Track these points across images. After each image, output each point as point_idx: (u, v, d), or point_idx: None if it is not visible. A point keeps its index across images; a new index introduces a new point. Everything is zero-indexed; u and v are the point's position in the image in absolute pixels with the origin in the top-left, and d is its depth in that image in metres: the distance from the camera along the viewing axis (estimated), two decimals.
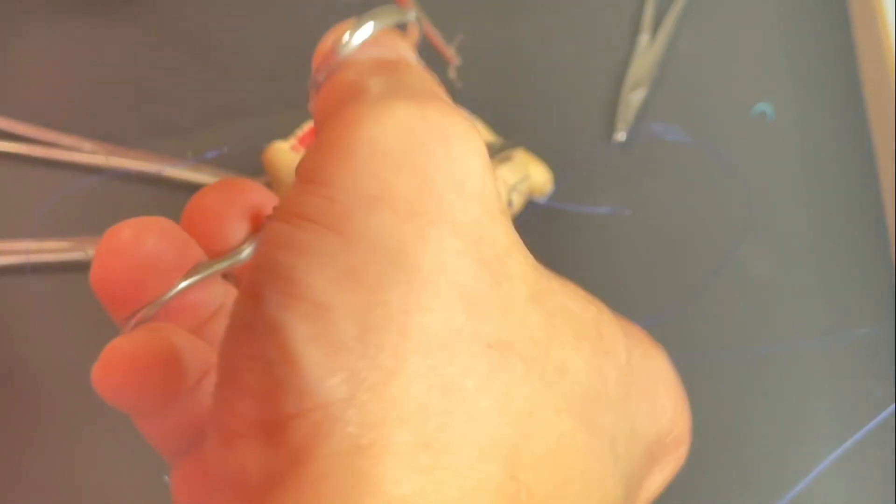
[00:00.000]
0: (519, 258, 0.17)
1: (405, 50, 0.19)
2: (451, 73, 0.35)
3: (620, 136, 0.37)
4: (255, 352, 0.16)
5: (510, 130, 0.36)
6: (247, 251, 0.22)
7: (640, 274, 0.35)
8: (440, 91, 0.18)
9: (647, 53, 0.39)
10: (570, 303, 0.18)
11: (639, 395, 0.20)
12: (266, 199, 0.23)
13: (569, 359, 0.18)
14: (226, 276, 0.23)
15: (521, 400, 0.16)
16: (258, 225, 0.23)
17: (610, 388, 0.19)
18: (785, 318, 0.34)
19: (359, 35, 0.19)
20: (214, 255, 0.22)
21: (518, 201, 0.35)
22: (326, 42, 0.19)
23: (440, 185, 0.16)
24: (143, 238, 0.21)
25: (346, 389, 0.15)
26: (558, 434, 0.17)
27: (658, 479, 0.21)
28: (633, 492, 0.20)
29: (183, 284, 0.21)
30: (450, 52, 0.35)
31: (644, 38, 0.40)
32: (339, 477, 0.15)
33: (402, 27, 0.21)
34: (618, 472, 0.19)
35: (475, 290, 0.16)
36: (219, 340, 0.18)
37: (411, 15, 0.20)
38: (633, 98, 0.38)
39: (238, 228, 0.22)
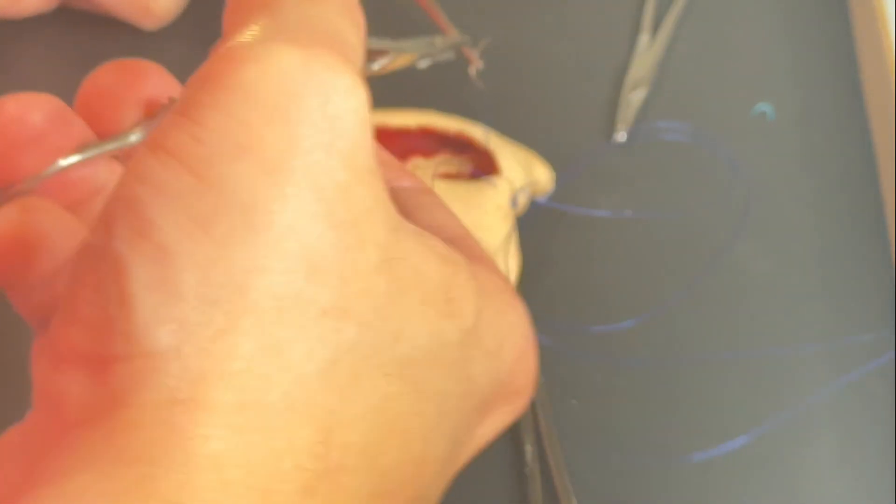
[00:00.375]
0: (377, 222, 0.17)
1: None
2: (472, 72, 0.35)
3: (620, 136, 0.37)
4: (97, 284, 0.16)
5: (510, 130, 0.36)
6: (136, 136, 0.22)
7: (640, 273, 0.35)
8: (347, 27, 0.18)
9: (647, 53, 0.39)
10: (424, 265, 0.18)
11: (481, 353, 0.20)
12: (165, 84, 0.23)
13: (409, 324, 0.18)
14: (118, 158, 0.23)
15: (346, 365, 0.17)
16: (152, 110, 0.22)
17: (449, 352, 0.19)
18: (784, 318, 0.34)
19: None
20: (104, 137, 0.22)
21: (523, 201, 0.35)
22: None
23: (309, 142, 0.16)
24: (27, 113, 0.21)
25: (172, 341, 0.15)
26: (383, 396, 0.17)
27: (491, 427, 0.22)
28: (461, 442, 0.20)
29: (63, 162, 0.21)
30: (473, 55, 0.35)
31: (644, 38, 0.40)
32: (151, 427, 0.15)
33: None
34: (444, 427, 0.19)
35: (322, 255, 0.16)
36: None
37: None
38: (634, 98, 0.38)
39: (131, 112, 0.22)
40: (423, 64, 0.34)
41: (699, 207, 0.36)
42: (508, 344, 0.21)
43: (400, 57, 0.32)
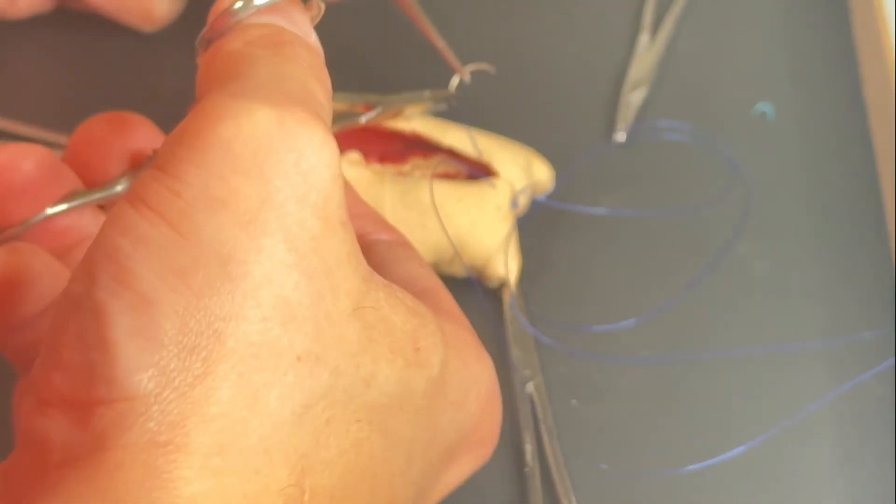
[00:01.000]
0: (349, 272, 0.18)
1: (302, 24, 0.20)
2: (454, 95, 0.35)
3: (620, 136, 0.37)
4: (79, 331, 0.16)
5: (510, 130, 0.36)
6: (122, 186, 0.23)
7: (640, 273, 0.35)
8: (316, 87, 0.19)
9: (647, 53, 0.39)
10: (394, 316, 0.19)
11: (446, 403, 0.21)
12: (151, 136, 0.24)
13: (379, 371, 0.18)
14: (103, 207, 0.24)
15: (320, 409, 0.17)
16: (138, 161, 0.23)
17: (416, 399, 0.20)
18: (784, 318, 0.34)
19: (259, 0, 0.20)
20: (92, 187, 0.23)
21: (523, 202, 0.35)
22: (224, 1, 0.19)
23: (284, 196, 0.17)
24: (18, 163, 0.22)
25: (153, 386, 0.16)
26: (354, 441, 0.18)
27: (456, 474, 0.22)
28: (428, 488, 0.21)
29: (51, 210, 0.22)
30: (463, 70, 0.35)
31: (644, 38, 0.40)
32: (132, 470, 0.16)
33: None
34: (411, 474, 0.20)
35: (296, 304, 0.17)
36: None
37: None
38: (633, 98, 0.38)
39: (118, 163, 0.23)
40: (415, 115, 0.34)
41: (699, 207, 0.36)
42: (473, 395, 0.21)
43: (389, 111, 0.33)
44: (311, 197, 0.17)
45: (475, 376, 0.22)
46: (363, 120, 0.33)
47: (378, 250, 0.24)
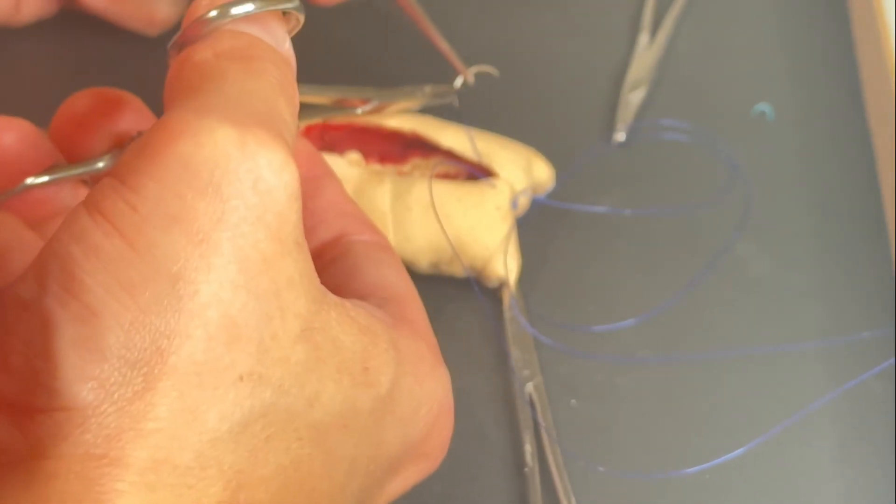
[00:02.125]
0: (299, 293, 0.18)
1: (278, 35, 0.20)
2: (455, 91, 0.35)
3: (620, 136, 0.38)
4: (26, 336, 0.16)
5: (510, 130, 0.36)
6: (103, 163, 0.23)
7: (639, 273, 0.35)
8: (282, 104, 0.19)
9: (646, 53, 0.39)
10: (343, 336, 0.19)
11: (394, 420, 0.21)
12: (139, 115, 0.24)
13: (324, 391, 0.19)
14: (86, 182, 0.24)
15: (260, 427, 0.17)
16: (122, 139, 0.23)
17: (361, 418, 0.20)
18: (784, 318, 0.34)
19: (236, 10, 0.19)
20: (74, 162, 0.23)
21: (523, 202, 0.35)
22: (200, 7, 0.19)
23: (239, 216, 0.17)
24: (0, 135, 0.22)
25: (93, 398, 0.16)
26: (294, 458, 0.18)
27: (399, 485, 0.23)
28: (369, 499, 0.21)
29: (29, 181, 0.22)
30: (466, 72, 0.35)
31: (644, 38, 0.40)
32: (67, 480, 0.16)
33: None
34: (351, 487, 0.20)
35: (243, 324, 0.17)
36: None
37: (295, 3, 0.21)
38: (633, 98, 0.38)
39: (101, 139, 0.23)
40: (415, 107, 0.34)
41: (699, 207, 0.36)
42: (423, 410, 0.22)
43: (387, 104, 0.33)
44: (267, 218, 0.17)
45: (428, 392, 0.22)
46: (360, 111, 0.33)
47: (354, 252, 0.24)
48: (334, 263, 0.24)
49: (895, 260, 0.35)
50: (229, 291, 0.17)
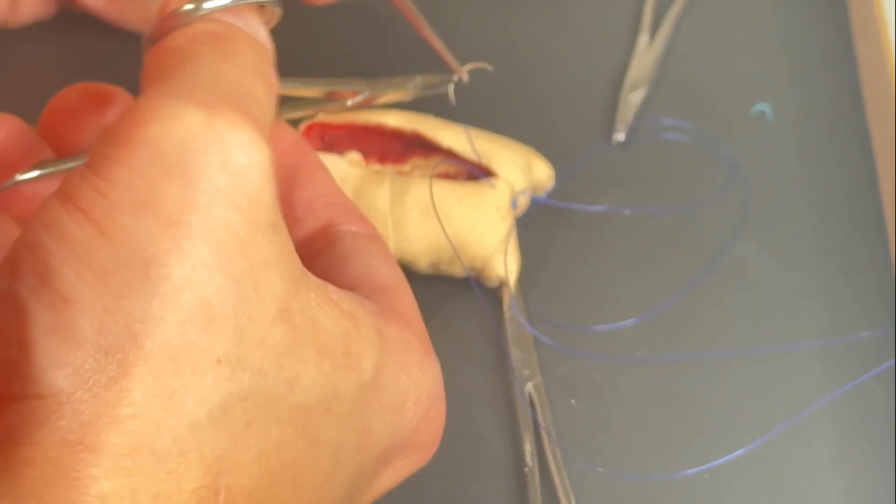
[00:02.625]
0: (276, 274, 0.18)
1: (254, 26, 0.20)
2: (447, 81, 0.35)
3: (620, 136, 0.38)
4: (0, 325, 0.16)
5: (510, 130, 0.36)
6: None
7: (639, 273, 0.35)
8: (257, 85, 0.19)
9: (646, 53, 0.39)
10: (323, 318, 0.19)
11: (379, 407, 0.21)
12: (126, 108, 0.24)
13: (303, 373, 0.18)
14: None
15: (240, 411, 0.17)
16: None
17: (344, 403, 0.19)
18: (784, 318, 0.34)
19: (210, 3, 0.19)
20: (63, 156, 0.23)
21: (523, 201, 0.35)
22: (173, 1, 0.19)
23: (208, 198, 0.17)
24: None
25: (67, 384, 0.16)
26: (275, 443, 0.18)
27: (390, 477, 0.22)
28: (359, 491, 0.21)
29: (18, 177, 0.22)
30: (461, 70, 0.35)
31: (644, 38, 0.40)
32: (42, 466, 0.16)
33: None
34: (338, 476, 0.20)
35: (218, 307, 0.17)
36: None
37: None
38: (633, 98, 0.38)
39: (90, 134, 0.23)
40: (407, 98, 0.34)
41: (698, 207, 0.36)
42: (412, 400, 0.22)
43: (379, 96, 0.33)
44: (238, 199, 0.17)
45: (417, 382, 0.22)
46: (349, 103, 0.33)
47: (343, 243, 0.24)
48: (323, 254, 0.24)
49: (895, 260, 0.35)
50: (203, 274, 0.17)
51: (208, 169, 0.17)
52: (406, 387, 0.21)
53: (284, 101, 0.30)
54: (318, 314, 0.19)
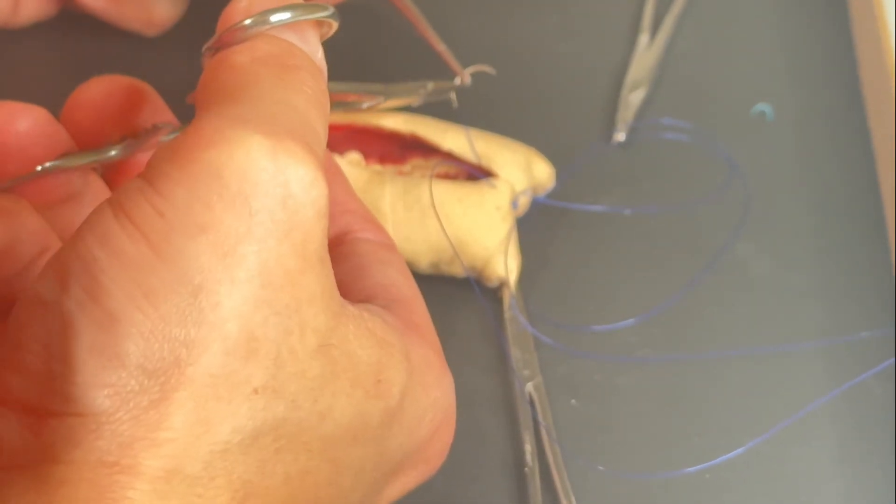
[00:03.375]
0: (319, 309, 0.18)
1: (313, 43, 0.20)
2: (458, 87, 0.35)
3: (620, 136, 0.38)
4: (44, 337, 0.16)
5: (510, 130, 0.36)
6: (116, 151, 0.23)
7: (639, 273, 0.35)
8: (315, 117, 0.19)
9: (646, 53, 0.39)
10: (360, 350, 0.19)
11: (400, 429, 0.21)
12: (152, 105, 0.24)
13: (336, 404, 0.19)
14: (95, 169, 0.24)
15: (270, 440, 0.17)
16: (136, 129, 0.23)
17: (371, 430, 0.20)
18: (784, 317, 0.34)
19: (274, 17, 0.19)
20: (85, 148, 0.23)
21: (523, 202, 0.35)
22: (236, 13, 0.19)
23: (265, 231, 0.17)
24: (14, 120, 0.22)
25: (109, 405, 0.16)
26: (301, 469, 0.18)
27: (399, 489, 0.23)
28: (382, 495, 0.22)
29: (41, 168, 0.22)
30: (463, 73, 0.35)
31: (644, 38, 0.40)
32: (78, 486, 0.16)
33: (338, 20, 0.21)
34: (355, 495, 0.20)
35: (262, 338, 0.17)
36: (66, 227, 0.19)
37: (331, 11, 0.20)
38: (633, 98, 0.38)
39: (114, 127, 0.23)
40: (416, 102, 0.34)
41: (698, 207, 0.36)
42: (428, 418, 0.22)
43: (391, 100, 0.33)
44: (294, 234, 0.17)
45: (434, 401, 0.22)
46: (364, 107, 0.33)
47: (360, 251, 0.24)
48: (340, 262, 0.24)
49: (895, 260, 0.35)
50: (251, 306, 0.17)
51: (268, 201, 0.17)
52: (424, 406, 0.22)
53: None
54: (355, 347, 0.19)
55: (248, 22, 0.19)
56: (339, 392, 0.19)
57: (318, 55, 0.20)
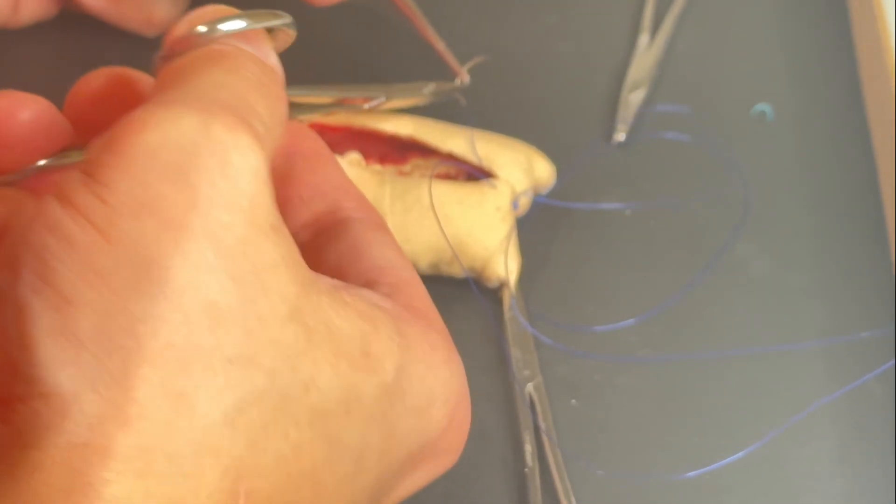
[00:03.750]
0: (282, 275, 0.18)
1: (265, 52, 0.20)
2: (459, 89, 0.35)
3: (620, 136, 0.38)
4: (1, 326, 0.16)
5: (510, 130, 0.36)
6: None
7: (639, 273, 0.35)
8: (257, 100, 0.19)
9: (647, 53, 0.39)
10: (338, 320, 0.19)
11: (406, 409, 0.20)
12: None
13: (320, 375, 0.18)
14: None
15: (256, 413, 0.17)
16: None
17: (366, 405, 0.19)
18: (784, 317, 0.34)
19: (224, 26, 0.20)
20: (88, 141, 0.23)
21: (524, 202, 0.35)
22: (186, 22, 0.19)
23: (209, 201, 0.17)
24: (16, 111, 0.22)
25: (71, 385, 0.16)
26: (294, 446, 0.18)
27: (416, 481, 0.22)
28: (385, 493, 0.21)
29: (42, 163, 0.22)
30: (462, 71, 0.35)
31: (644, 38, 0.40)
32: (52, 471, 0.16)
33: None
34: (362, 481, 0.20)
35: (224, 307, 0.17)
36: None
37: (287, 20, 0.21)
38: (633, 98, 0.38)
39: (117, 119, 0.23)
40: (423, 103, 0.34)
41: (699, 207, 0.36)
42: (439, 402, 0.21)
43: (393, 100, 0.33)
44: (238, 202, 0.17)
45: (444, 381, 0.21)
46: (366, 107, 0.33)
47: (354, 230, 0.23)
48: (334, 241, 0.23)
49: (895, 260, 0.35)
50: (206, 275, 0.17)
51: (207, 173, 0.17)
52: (432, 386, 0.21)
53: (299, 105, 0.30)
54: (331, 316, 0.19)
55: (199, 30, 0.19)
56: (321, 361, 0.18)
57: (271, 60, 0.20)
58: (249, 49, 0.20)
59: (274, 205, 0.18)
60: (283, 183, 0.24)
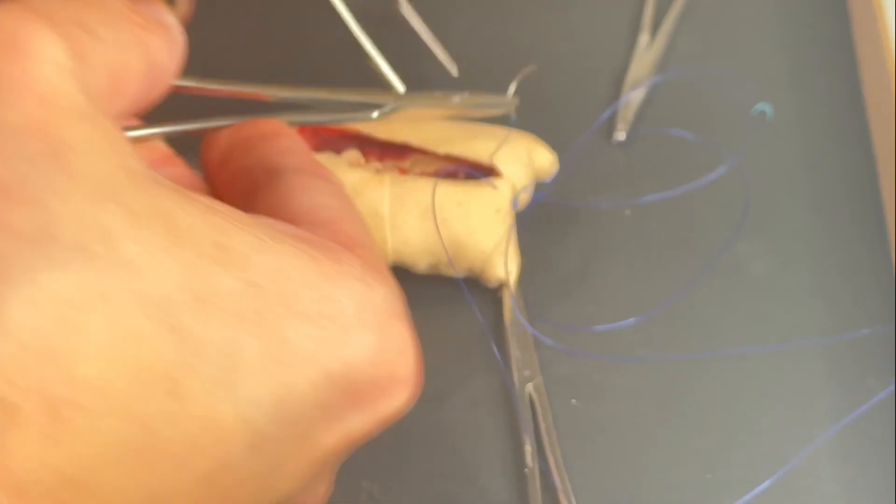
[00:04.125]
0: (91, 159, 0.17)
1: (159, 12, 0.20)
2: (506, 104, 0.34)
3: (620, 135, 0.38)
4: None
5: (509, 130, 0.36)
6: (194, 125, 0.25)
7: (639, 273, 0.35)
8: (84, 11, 0.19)
9: (646, 53, 0.39)
10: (179, 210, 0.18)
11: (294, 314, 0.19)
12: None
13: (149, 259, 0.17)
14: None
15: (66, 293, 0.16)
16: None
17: (227, 300, 0.18)
18: (784, 317, 0.34)
19: None
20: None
21: (524, 198, 0.35)
22: None
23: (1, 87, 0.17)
24: None
25: None
26: (126, 333, 0.17)
27: (359, 420, 0.20)
28: (313, 427, 0.19)
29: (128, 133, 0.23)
30: (452, 64, 0.35)
31: (644, 38, 0.40)
32: None
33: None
34: (247, 392, 0.18)
35: (14, 184, 0.16)
36: None
37: None
38: (633, 98, 0.38)
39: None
40: (456, 116, 0.33)
41: (698, 207, 0.36)
42: (351, 316, 0.19)
43: (405, 110, 0.32)
44: (34, 87, 0.17)
45: (356, 299, 0.19)
46: (374, 115, 0.32)
47: (287, 180, 0.23)
48: (264, 188, 0.22)
49: (895, 259, 0.35)
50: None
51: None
52: (337, 299, 0.19)
53: (304, 111, 0.30)
54: (168, 206, 0.18)
55: None
56: (152, 245, 0.17)
57: (165, 19, 0.20)
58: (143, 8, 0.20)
59: (79, 92, 0.18)
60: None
